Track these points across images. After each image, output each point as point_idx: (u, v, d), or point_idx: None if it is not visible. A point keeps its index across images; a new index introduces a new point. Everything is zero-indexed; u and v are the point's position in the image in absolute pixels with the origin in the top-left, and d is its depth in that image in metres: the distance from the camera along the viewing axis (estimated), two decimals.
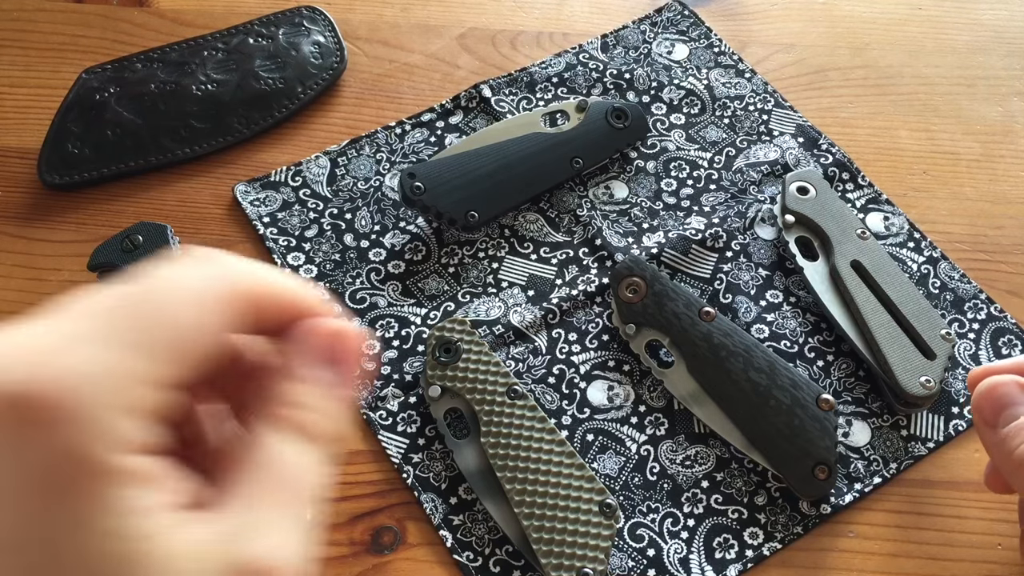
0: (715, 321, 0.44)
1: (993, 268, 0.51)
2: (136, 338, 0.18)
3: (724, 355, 0.43)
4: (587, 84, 0.58)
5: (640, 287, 0.44)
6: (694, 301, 0.44)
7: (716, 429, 0.43)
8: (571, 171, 0.52)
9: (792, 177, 0.51)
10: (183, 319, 0.19)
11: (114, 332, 0.18)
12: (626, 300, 0.45)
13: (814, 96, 0.58)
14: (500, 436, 0.41)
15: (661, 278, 0.45)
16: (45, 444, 0.17)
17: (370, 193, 0.53)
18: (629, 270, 0.45)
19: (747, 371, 0.42)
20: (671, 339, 0.44)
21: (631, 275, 0.45)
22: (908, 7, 0.64)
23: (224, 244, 0.51)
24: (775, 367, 0.42)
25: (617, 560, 0.41)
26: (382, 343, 0.47)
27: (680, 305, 0.44)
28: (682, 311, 0.44)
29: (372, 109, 0.57)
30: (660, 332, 0.44)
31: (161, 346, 0.18)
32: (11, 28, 0.60)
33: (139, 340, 0.18)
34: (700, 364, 0.43)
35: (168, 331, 0.19)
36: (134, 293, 0.19)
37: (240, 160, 0.55)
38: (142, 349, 0.18)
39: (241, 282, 0.20)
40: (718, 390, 0.42)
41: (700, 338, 0.43)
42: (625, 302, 0.45)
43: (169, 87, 0.55)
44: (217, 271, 0.20)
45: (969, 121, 0.57)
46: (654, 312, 0.44)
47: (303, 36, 0.59)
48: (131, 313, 0.18)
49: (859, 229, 0.49)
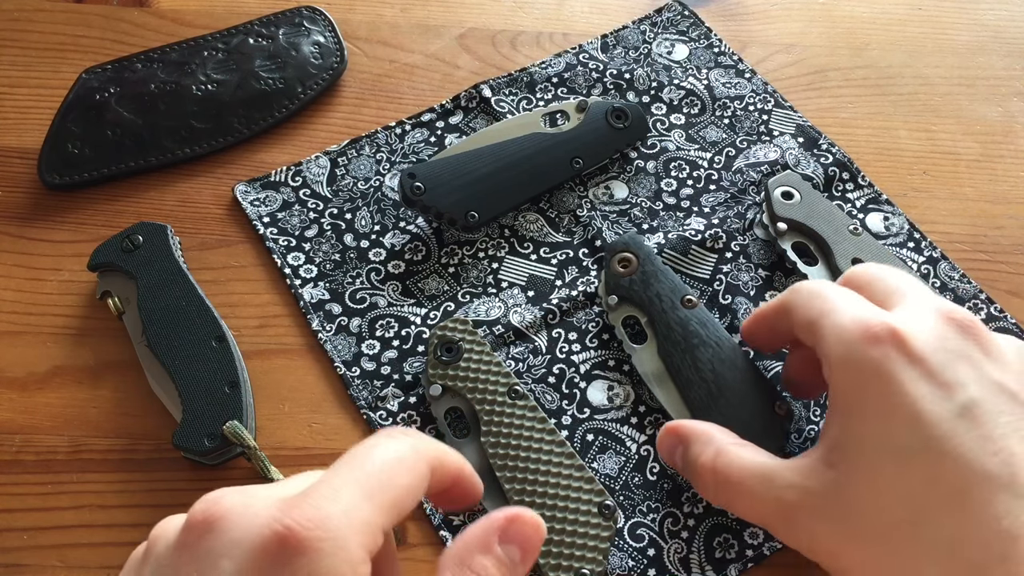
0: (695, 310, 0.44)
1: (993, 268, 0.51)
2: (374, 493, 0.24)
3: (695, 343, 0.43)
4: (587, 84, 0.58)
5: (631, 263, 0.46)
6: (679, 287, 0.45)
7: (670, 411, 0.43)
8: (571, 171, 0.52)
9: (774, 184, 0.51)
10: (402, 483, 0.25)
11: (361, 488, 0.24)
12: (615, 272, 0.46)
13: (814, 96, 0.58)
14: (500, 436, 0.41)
15: (654, 259, 0.46)
16: (306, 568, 0.22)
17: (370, 193, 0.53)
18: (625, 245, 0.46)
19: (713, 362, 0.42)
20: (648, 318, 0.45)
21: (626, 250, 0.46)
22: (908, 7, 0.64)
23: (224, 244, 0.51)
24: (742, 365, 0.43)
25: (617, 560, 0.41)
26: (382, 343, 0.47)
27: (665, 288, 0.45)
28: (665, 294, 0.45)
29: (372, 109, 0.57)
30: (639, 309, 0.45)
31: (389, 500, 0.24)
32: (11, 28, 0.60)
33: (375, 494, 0.24)
34: (670, 347, 0.44)
35: (394, 490, 0.25)
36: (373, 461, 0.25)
37: (240, 160, 0.55)
38: (375, 501, 0.24)
39: (431, 454, 0.27)
40: (681, 375, 0.43)
41: (676, 322, 0.44)
42: (613, 273, 0.46)
43: (169, 87, 0.55)
44: (421, 445, 0.26)
45: (969, 121, 0.57)
46: (639, 289, 0.45)
47: (303, 36, 0.59)
48: (374, 473, 0.24)
49: (850, 225, 0.49)
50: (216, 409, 0.42)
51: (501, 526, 0.26)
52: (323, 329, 0.47)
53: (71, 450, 0.43)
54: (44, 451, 0.43)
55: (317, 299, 0.48)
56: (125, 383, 0.46)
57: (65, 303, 0.48)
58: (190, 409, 0.43)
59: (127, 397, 0.45)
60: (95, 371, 0.46)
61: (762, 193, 0.52)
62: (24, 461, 0.43)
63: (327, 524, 0.22)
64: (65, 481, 0.43)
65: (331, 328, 0.47)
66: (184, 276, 0.47)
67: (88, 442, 0.44)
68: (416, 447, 0.26)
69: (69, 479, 0.43)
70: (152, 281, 0.47)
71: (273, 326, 0.48)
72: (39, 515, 0.42)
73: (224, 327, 0.46)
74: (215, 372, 0.44)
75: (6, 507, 0.42)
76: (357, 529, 0.23)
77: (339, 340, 0.47)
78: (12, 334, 0.47)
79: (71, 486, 0.42)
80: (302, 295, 0.49)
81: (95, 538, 0.41)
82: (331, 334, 0.47)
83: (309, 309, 0.48)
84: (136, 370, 0.46)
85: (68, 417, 0.44)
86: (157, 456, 0.43)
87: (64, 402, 0.45)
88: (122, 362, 0.46)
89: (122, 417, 0.45)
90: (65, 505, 0.42)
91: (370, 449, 0.25)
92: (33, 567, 0.40)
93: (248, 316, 0.48)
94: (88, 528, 0.41)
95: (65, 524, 0.41)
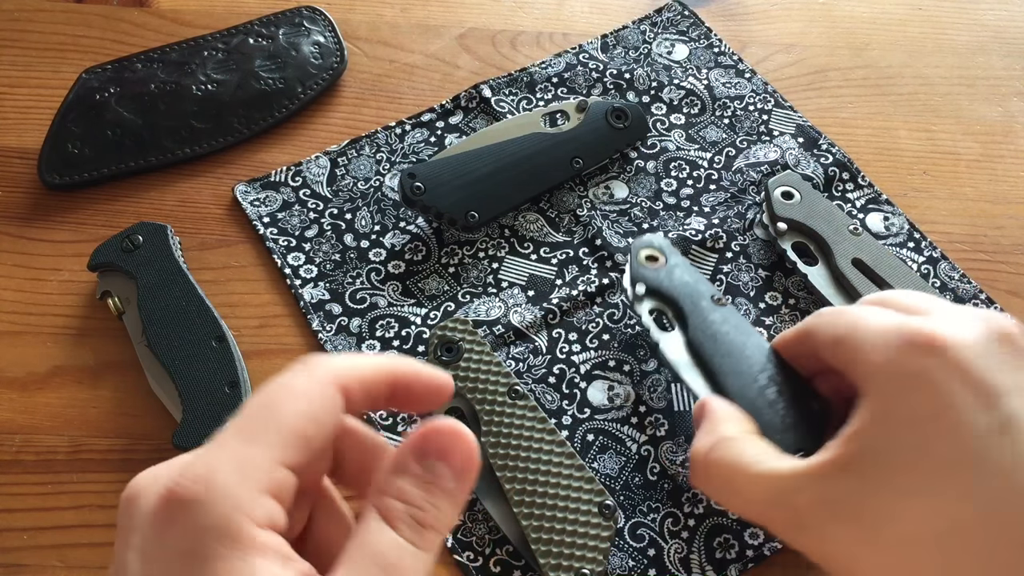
0: (725, 308, 0.43)
1: (993, 268, 0.51)
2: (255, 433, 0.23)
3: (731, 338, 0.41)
4: (587, 84, 0.58)
5: (659, 257, 0.45)
6: (708, 284, 0.44)
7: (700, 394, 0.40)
8: (571, 171, 0.52)
9: (774, 184, 0.51)
10: (288, 411, 0.24)
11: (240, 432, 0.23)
12: (643, 264, 0.45)
13: (814, 96, 0.58)
14: (501, 436, 0.41)
15: (677, 255, 0.45)
16: (191, 522, 0.21)
17: (370, 193, 0.53)
18: (650, 243, 0.45)
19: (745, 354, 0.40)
20: (676, 311, 0.43)
21: (651, 246, 0.45)
22: (908, 7, 0.64)
23: (224, 244, 0.51)
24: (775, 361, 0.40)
25: (617, 560, 0.41)
26: (382, 343, 0.47)
27: (693, 284, 0.43)
28: (692, 289, 0.43)
29: (372, 109, 0.57)
30: (667, 303, 0.44)
31: (274, 434, 0.23)
32: (11, 28, 0.60)
33: (257, 434, 0.23)
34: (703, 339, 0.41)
35: (278, 422, 0.23)
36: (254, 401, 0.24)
37: (240, 160, 0.55)
38: (259, 440, 0.23)
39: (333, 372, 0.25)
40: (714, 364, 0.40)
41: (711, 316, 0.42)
42: (641, 265, 0.45)
43: (169, 87, 0.55)
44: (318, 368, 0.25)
45: (969, 121, 0.57)
46: (666, 282, 0.44)
47: (303, 36, 0.59)
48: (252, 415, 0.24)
49: (850, 225, 0.49)
50: (216, 409, 0.42)
51: (415, 444, 0.24)
52: (323, 329, 0.47)
53: (71, 450, 0.43)
54: (44, 451, 0.43)
55: (317, 299, 0.48)
56: (125, 383, 0.46)
57: (65, 303, 0.48)
58: (190, 409, 0.43)
59: (127, 397, 0.45)
60: (95, 371, 0.46)
61: (762, 193, 0.52)
62: (24, 461, 0.43)
63: (210, 476, 0.22)
64: (65, 481, 0.43)
65: (331, 328, 0.47)
66: (184, 276, 0.47)
67: (88, 442, 0.44)
68: (311, 371, 0.25)
69: (69, 479, 0.43)
70: (152, 281, 0.47)
71: (273, 326, 0.48)
72: (39, 515, 0.42)
73: (224, 327, 0.46)
74: (215, 372, 0.44)
75: (6, 507, 0.42)
76: (245, 473, 0.22)
77: (339, 340, 0.47)
78: (12, 334, 0.47)
79: (71, 486, 0.42)
80: (302, 295, 0.49)
81: (95, 538, 0.41)
82: (331, 334, 0.47)
83: (309, 309, 0.48)
84: (136, 370, 0.46)
85: (68, 417, 0.44)
86: (157, 456, 0.43)
87: (64, 402, 0.45)
88: (122, 362, 0.46)
89: (122, 417, 0.45)
90: (65, 505, 0.42)
91: (256, 392, 0.25)
92: (33, 567, 0.40)
93: (248, 316, 0.48)
94: (88, 528, 0.41)
95: (65, 524, 0.41)
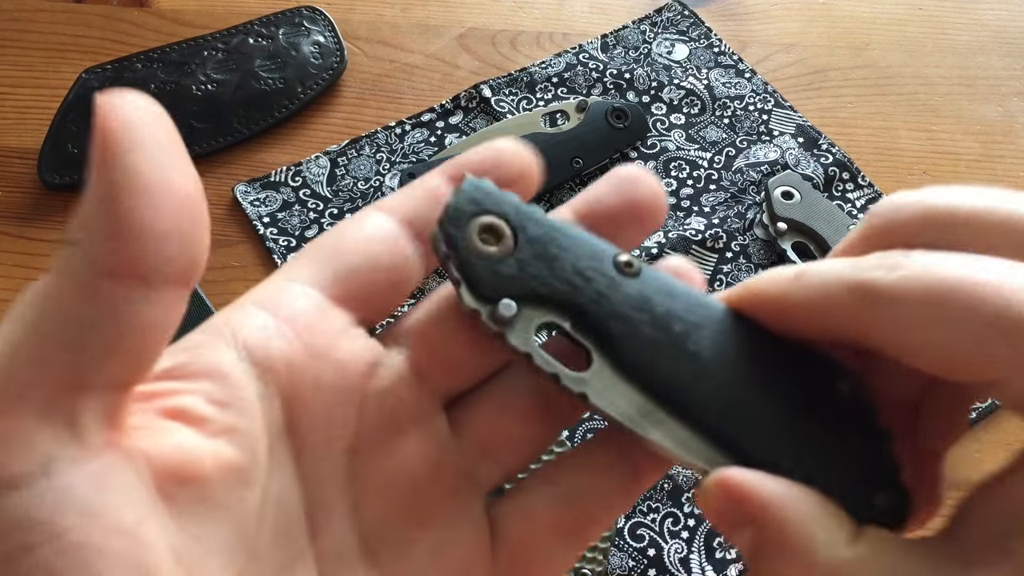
0: (643, 275, 0.21)
1: None
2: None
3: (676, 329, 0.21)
4: (587, 84, 0.58)
5: (502, 231, 0.21)
6: (600, 248, 0.22)
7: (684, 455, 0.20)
8: (571, 171, 0.52)
9: (774, 184, 0.51)
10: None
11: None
12: (482, 255, 0.21)
13: (814, 96, 0.58)
14: None
15: (535, 215, 0.22)
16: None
17: (370, 193, 0.53)
18: (476, 204, 0.21)
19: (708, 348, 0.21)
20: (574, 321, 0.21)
21: (482, 211, 0.21)
22: (908, 7, 0.64)
23: (224, 244, 0.51)
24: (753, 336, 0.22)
25: (617, 560, 0.41)
26: None
27: (582, 257, 0.21)
28: (586, 265, 0.21)
29: (372, 109, 0.57)
30: (556, 308, 0.21)
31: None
32: (11, 28, 0.60)
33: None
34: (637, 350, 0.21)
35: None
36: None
37: (240, 160, 0.55)
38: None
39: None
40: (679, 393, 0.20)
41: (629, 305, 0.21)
42: (481, 258, 0.21)
43: (169, 87, 0.55)
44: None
45: (969, 121, 0.57)
46: (537, 272, 0.21)
47: (303, 36, 0.59)
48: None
49: (850, 225, 0.49)
50: None
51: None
52: None
53: None
54: None
55: None
56: None
57: None
58: None
59: None
60: None
61: (762, 193, 0.52)
62: None
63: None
64: None
65: None
66: None
67: None
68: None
69: None
70: None
71: None
72: None
73: None
74: None
75: None
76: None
77: None
78: None
79: None
80: None
81: None
82: None
83: None
84: None
85: None
86: None
87: None
88: None
89: None
90: None
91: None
92: None
93: None
94: None
95: None
